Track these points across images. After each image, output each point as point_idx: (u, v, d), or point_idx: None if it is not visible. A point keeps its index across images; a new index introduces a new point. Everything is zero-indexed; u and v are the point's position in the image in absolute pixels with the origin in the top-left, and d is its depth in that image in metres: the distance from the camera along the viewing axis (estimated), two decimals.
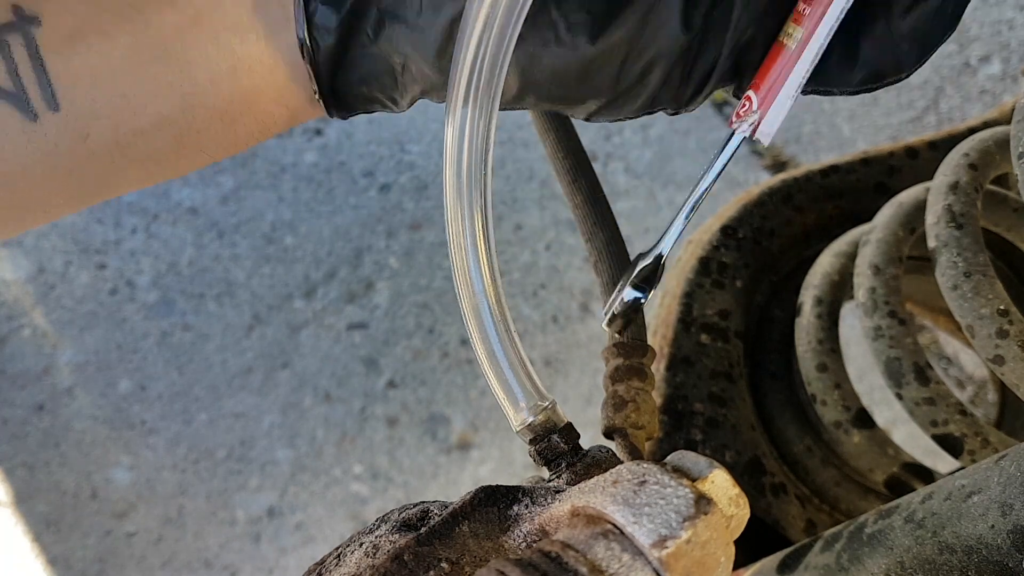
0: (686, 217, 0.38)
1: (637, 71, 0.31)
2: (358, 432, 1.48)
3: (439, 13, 0.30)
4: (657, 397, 0.67)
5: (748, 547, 0.58)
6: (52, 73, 0.29)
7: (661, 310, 0.73)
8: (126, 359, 1.54)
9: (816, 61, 0.32)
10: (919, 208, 0.62)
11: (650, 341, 0.47)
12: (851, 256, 0.67)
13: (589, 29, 0.30)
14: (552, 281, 1.61)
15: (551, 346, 1.54)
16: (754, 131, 0.34)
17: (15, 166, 0.30)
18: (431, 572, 0.26)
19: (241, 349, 1.55)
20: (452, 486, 1.44)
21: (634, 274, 0.41)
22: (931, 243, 0.54)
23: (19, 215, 0.32)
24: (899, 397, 0.57)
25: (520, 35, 0.29)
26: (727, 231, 0.74)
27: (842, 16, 0.31)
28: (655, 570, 0.23)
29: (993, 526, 0.35)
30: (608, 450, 0.35)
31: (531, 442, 0.34)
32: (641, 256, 0.41)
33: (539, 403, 0.34)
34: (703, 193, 0.37)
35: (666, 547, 0.23)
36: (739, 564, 0.51)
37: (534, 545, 0.26)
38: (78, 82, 0.29)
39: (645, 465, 0.25)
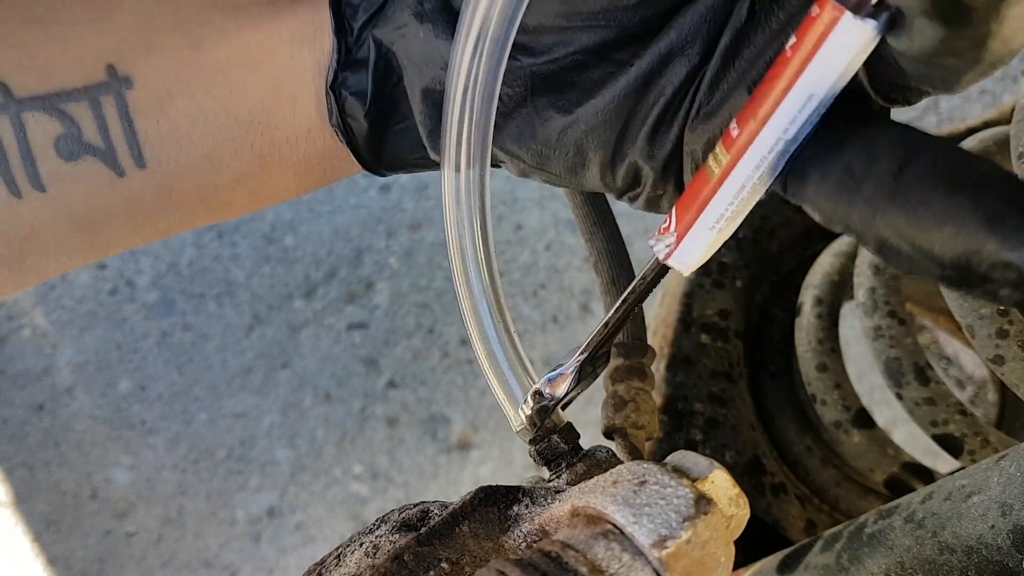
0: (585, 350, 0.34)
1: (621, 174, 0.31)
2: (358, 432, 1.48)
3: (416, 78, 0.31)
4: (657, 397, 0.67)
5: (748, 547, 0.58)
6: (141, 133, 0.30)
7: (661, 310, 0.73)
8: (126, 359, 1.54)
9: (748, 194, 0.26)
10: None
11: (650, 341, 0.47)
12: (851, 256, 0.67)
13: (559, 123, 0.30)
14: (552, 281, 1.61)
15: (551, 346, 1.55)
16: (668, 255, 0.28)
17: (100, 214, 0.31)
18: (431, 572, 0.26)
19: (241, 349, 1.55)
20: (452, 486, 1.44)
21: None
22: None
23: (97, 253, 0.34)
24: (899, 397, 0.58)
25: (501, 118, 0.30)
26: None
27: (781, 149, 0.25)
28: (655, 570, 0.23)
29: (993, 526, 0.35)
30: (608, 450, 0.35)
31: (531, 442, 0.34)
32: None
33: (539, 403, 0.34)
34: (615, 320, 0.33)
35: (666, 547, 0.23)
36: (739, 564, 0.51)
37: (534, 545, 0.26)
38: (165, 142, 0.31)
39: (645, 465, 0.25)
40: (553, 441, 0.34)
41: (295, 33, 0.31)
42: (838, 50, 0.23)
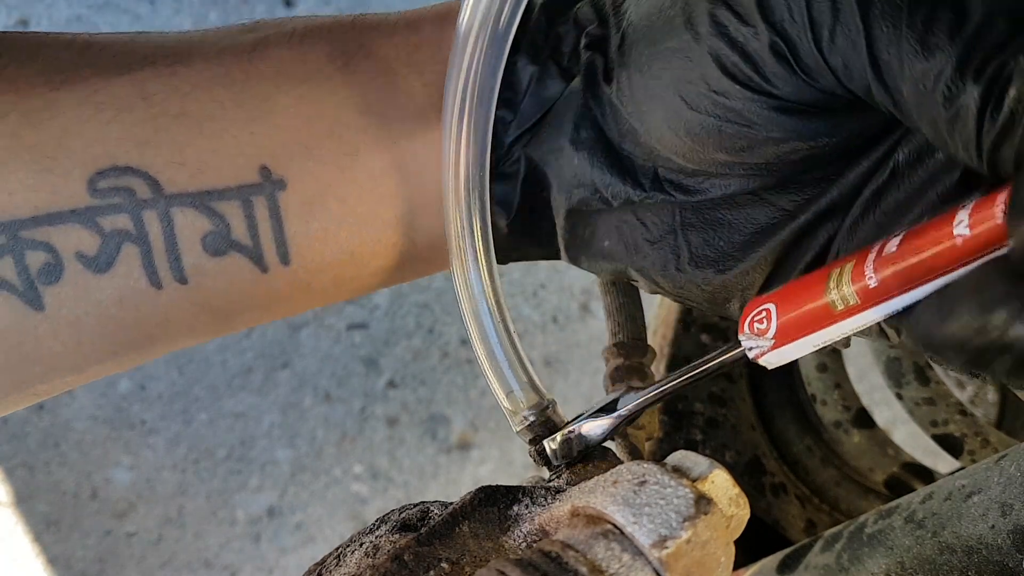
0: (656, 397, 0.34)
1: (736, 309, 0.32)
2: (358, 432, 1.48)
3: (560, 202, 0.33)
4: None
5: (748, 547, 0.58)
6: (289, 233, 0.31)
7: (661, 310, 0.73)
8: None
9: (861, 330, 0.26)
10: None
11: (650, 341, 0.48)
12: None
13: (711, 265, 0.31)
14: (552, 281, 1.61)
15: (551, 346, 1.55)
16: (759, 356, 0.28)
17: (236, 307, 0.32)
18: (431, 572, 0.26)
19: (241, 349, 1.55)
20: (452, 486, 1.44)
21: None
22: None
23: (225, 332, 0.34)
24: (899, 397, 0.58)
25: (645, 241, 0.31)
26: None
27: (906, 309, 0.24)
28: (655, 570, 0.23)
29: (993, 526, 0.35)
30: (608, 450, 0.35)
31: (531, 442, 0.34)
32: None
33: (539, 403, 0.34)
34: (686, 381, 0.33)
35: (666, 547, 0.23)
36: (739, 564, 0.51)
37: (534, 545, 0.26)
38: (312, 243, 0.31)
39: (645, 465, 0.25)
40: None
41: None
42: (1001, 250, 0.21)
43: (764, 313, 0.28)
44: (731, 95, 0.26)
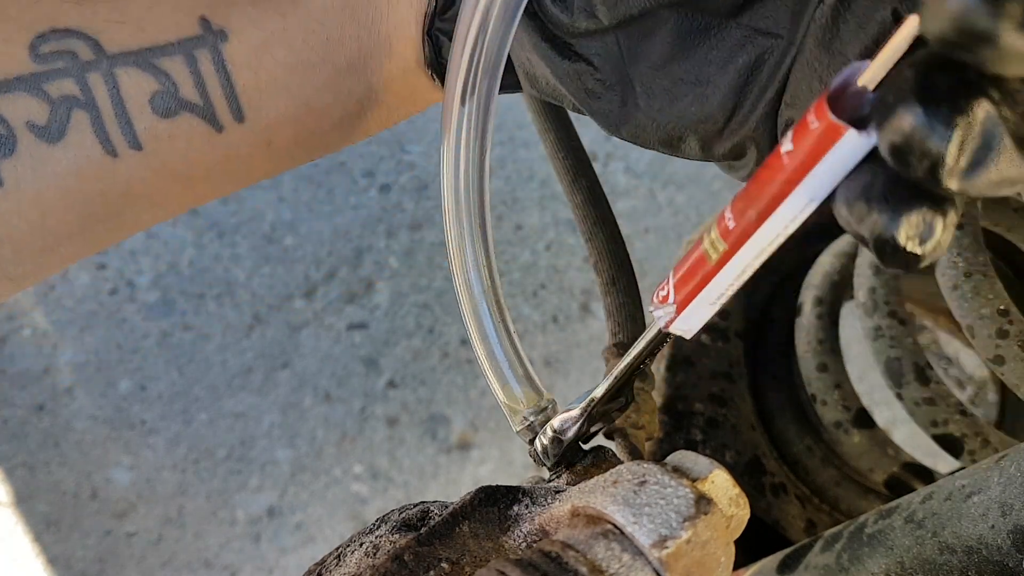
0: (600, 394, 0.33)
1: (723, 151, 0.31)
2: (358, 432, 1.48)
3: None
4: (657, 397, 0.67)
5: (748, 547, 0.58)
6: (239, 86, 0.30)
7: None
8: (126, 359, 1.54)
9: (745, 278, 0.26)
10: None
11: None
12: (851, 256, 0.67)
13: (666, 97, 0.30)
14: (552, 281, 1.61)
15: (551, 346, 1.54)
16: (668, 324, 0.28)
17: (198, 169, 0.31)
18: (431, 572, 0.26)
19: (241, 349, 1.55)
20: (452, 486, 1.44)
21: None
22: None
23: (192, 203, 0.33)
24: (899, 397, 0.58)
25: (594, 84, 0.30)
26: None
27: (780, 239, 0.25)
28: (655, 570, 0.23)
29: (993, 526, 0.35)
30: (608, 450, 0.35)
31: (531, 442, 0.34)
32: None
33: (539, 403, 0.34)
34: (623, 370, 0.32)
35: (666, 547, 0.23)
36: (739, 564, 0.51)
37: (534, 545, 0.26)
38: (263, 94, 0.30)
39: (645, 465, 0.25)
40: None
41: None
42: (840, 161, 0.22)
43: (666, 282, 0.28)
44: None
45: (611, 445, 0.42)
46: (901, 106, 0.18)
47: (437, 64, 0.33)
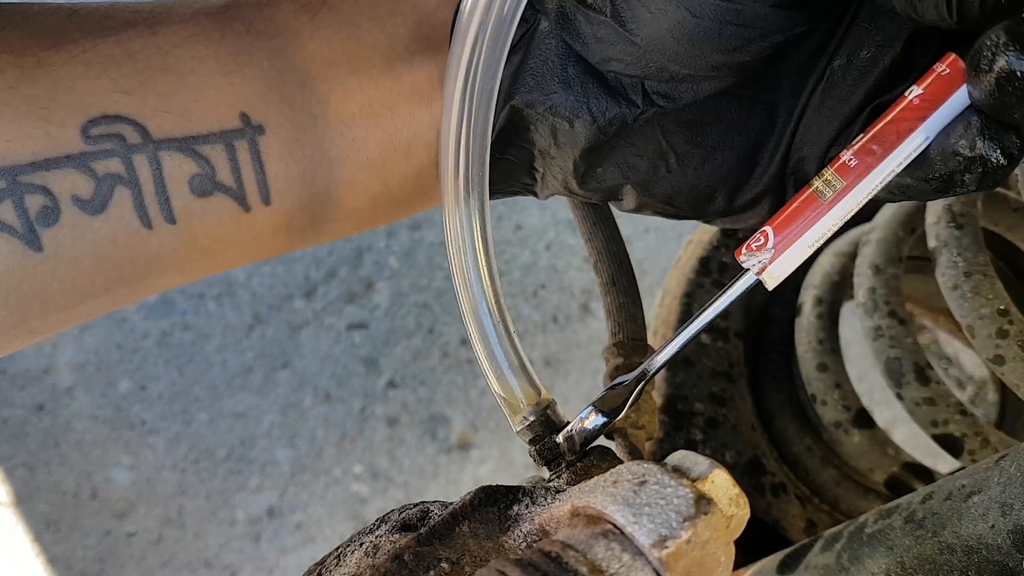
0: (679, 347, 0.34)
1: (745, 201, 0.36)
2: (358, 432, 1.48)
3: (563, 150, 0.35)
4: (657, 397, 0.67)
5: (748, 547, 0.58)
6: (270, 175, 0.33)
7: (661, 310, 0.73)
8: (126, 359, 1.54)
9: (848, 217, 0.30)
10: (919, 208, 0.62)
11: (650, 341, 0.48)
12: (851, 256, 0.67)
13: (698, 160, 0.34)
14: (552, 281, 1.61)
15: (551, 346, 1.55)
16: (762, 269, 0.31)
17: (221, 245, 0.34)
18: (431, 572, 0.26)
19: (241, 349, 1.55)
20: (452, 486, 1.44)
21: (602, 396, 0.35)
22: (931, 243, 0.54)
23: (211, 271, 0.36)
24: (899, 397, 0.58)
25: (635, 160, 0.35)
26: (727, 231, 0.74)
27: (894, 174, 0.29)
28: (655, 570, 0.23)
29: (993, 526, 0.35)
30: (608, 450, 0.35)
31: (531, 442, 0.34)
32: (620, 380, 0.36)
33: (539, 403, 0.34)
34: (703, 326, 0.34)
35: (666, 547, 0.23)
36: (739, 564, 0.51)
37: (534, 545, 0.26)
38: (291, 184, 0.34)
39: (645, 465, 0.25)
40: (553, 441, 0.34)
41: (412, 93, 0.35)
42: (957, 102, 0.28)
43: (760, 234, 0.31)
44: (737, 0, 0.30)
45: (611, 445, 0.42)
46: (1000, 53, 0.25)
47: None
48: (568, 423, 0.34)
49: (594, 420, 0.34)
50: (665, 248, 1.62)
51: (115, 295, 0.34)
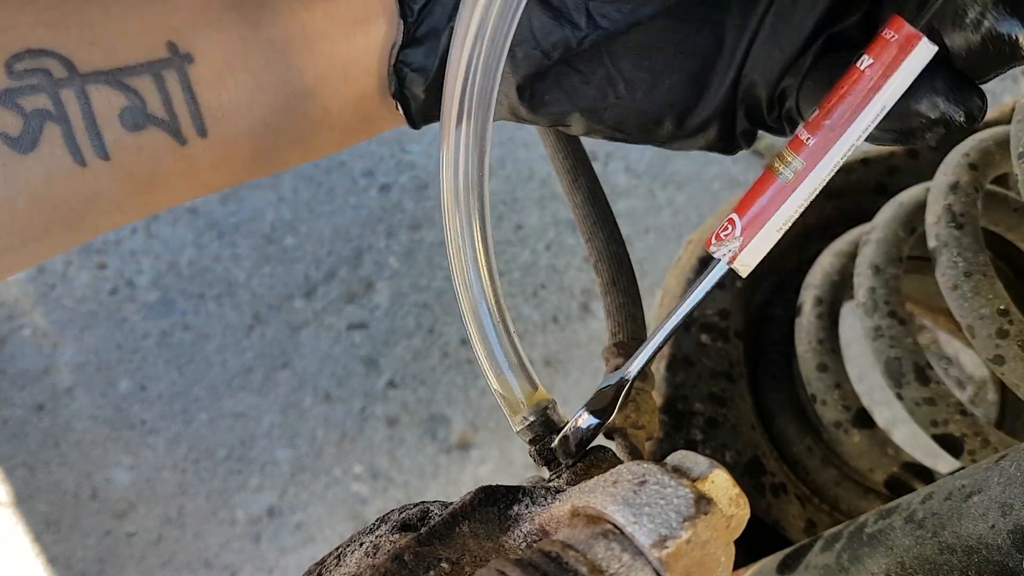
0: (659, 343, 0.34)
1: (693, 126, 0.35)
2: (358, 432, 1.48)
3: (507, 76, 0.34)
4: (657, 397, 0.67)
5: (748, 547, 0.58)
6: (203, 105, 0.32)
7: (661, 310, 0.73)
8: (126, 359, 1.54)
9: (813, 197, 0.29)
10: (919, 208, 0.62)
11: None
12: (851, 256, 0.67)
13: (646, 86, 0.34)
14: (552, 281, 1.61)
15: (551, 346, 1.54)
16: (733, 258, 0.30)
17: (159, 179, 0.33)
18: (431, 572, 0.26)
19: (241, 349, 1.55)
20: (452, 486, 1.44)
21: (591, 399, 0.35)
22: (931, 243, 0.54)
23: (151, 209, 0.35)
24: (899, 397, 0.58)
25: (582, 87, 0.34)
26: None
27: (851, 152, 0.28)
28: (655, 570, 0.23)
29: (993, 526, 0.35)
30: (608, 450, 0.35)
31: (531, 442, 0.34)
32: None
33: (539, 403, 0.34)
34: (680, 321, 0.33)
35: (666, 547, 0.23)
36: (739, 564, 0.51)
37: (534, 545, 0.26)
38: (225, 113, 0.33)
39: (645, 465, 0.25)
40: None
41: (347, 16, 0.34)
42: (912, 68, 0.27)
43: (727, 222, 0.30)
44: None
45: (611, 445, 0.42)
46: (988, 12, 0.26)
47: (401, 95, 0.35)
48: (568, 422, 0.34)
49: (587, 421, 0.34)
50: (665, 248, 1.62)
51: (57, 237, 0.33)
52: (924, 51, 0.27)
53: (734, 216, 0.30)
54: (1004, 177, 0.64)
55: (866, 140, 0.30)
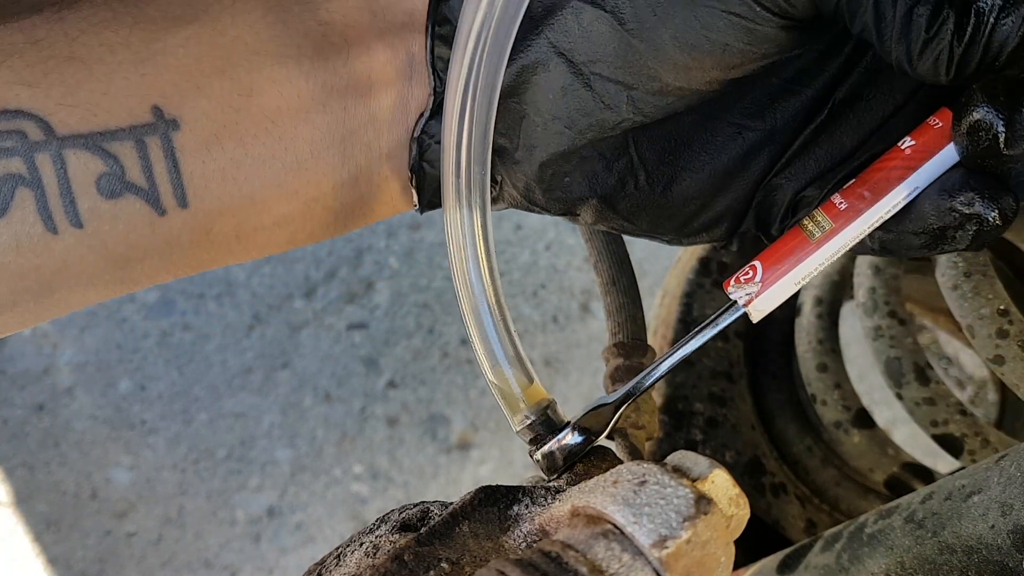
0: (662, 373, 0.34)
1: (703, 223, 0.35)
2: (358, 432, 1.48)
3: (532, 152, 0.33)
4: (657, 397, 0.67)
5: (748, 547, 0.57)
6: (185, 174, 0.30)
7: (661, 310, 0.73)
8: (126, 359, 1.54)
9: (834, 259, 0.31)
10: None
11: (650, 341, 0.48)
12: (851, 256, 0.67)
13: (666, 179, 0.34)
14: (552, 281, 1.61)
15: (551, 346, 1.55)
16: (749, 302, 0.31)
17: (135, 252, 0.31)
18: (431, 572, 0.26)
19: (241, 349, 1.55)
20: (452, 486, 1.44)
21: (583, 415, 0.34)
22: None
23: (126, 287, 0.33)
24: (899, 397, 0.57)
25: (604, 173, 0.34)
26: None
27: (878, 223, 0.30)
28: (655, 570, 0.23)
29: (993, 526, 0.35)
30: (608, 450, 0.35)
31: (531, 442, 0.34)
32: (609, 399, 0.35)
33: (539, 403, 0.34)
34: (687, 354, 0.33)
35: (666, 547, 0.23)
36: (739, 564, 0.51)
37: (534, 545, 0.26)
38: (209, 183, 0.31)
39: (645, 465, 0.25)
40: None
41: (348, 85, 0.32)
42: (950, 155, 0.29)
43: (749, 268, 0.32)
44: (750, 16, 0.29)
45: (611, 445, 0.42)
46: (974, 107, 0.27)
47: (419, 166, 0.34)
48: (568, 422, 0.34)
49: (575, 438, 0.33)
50: (665, 248, 1.62)
51: (24, 309, 0.31)
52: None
53: (757, 263, 0.31)
54: None
55: (896, 253, 0.31)
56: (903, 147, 0.30)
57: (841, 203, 0.30)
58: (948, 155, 0.29)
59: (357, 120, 0.32)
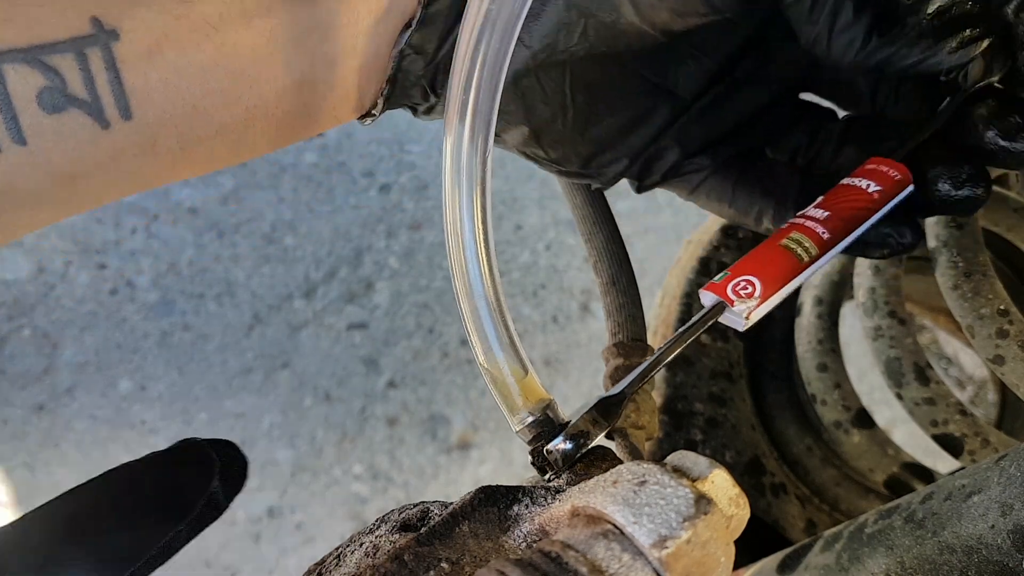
0: (635, 380, 0.34)
1: (603, 162, 0.39)
2: (358, 432, 1.48)
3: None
4: (657, 397, 0.67)
5: (748, 547, 0.57)
6: (128, 84, 0.30)
7: (661, 310, 0.73)
8: (126, 359, 1.54)
9: (808, 278, 0.36)
10: None
11: (650, 341, 0.48)
12: (851, 257, 0.67)
13: (586, 121, 0.38)
14: (552, 281, 1.61)
15: (551, 346, 1.54)
16: (749, 314, 0.34)
17: (81, 167, 0.31)
18: (431, 572, 0.26)
19: (241, 349, 1.55)
20: (452, 486, 1.44)
21: (576, 419, 0.34)
22: (931, 243, 0.54)
23: (74, 207, 0.33)
24: (899, 397, 0.57)
25: (541, 106, 0.37)
26: (727, 231, 0.74)
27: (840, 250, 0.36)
28: (655, 570, 0.23)
29: (993, 526, 0.35)
30: (608, 450, 0.35)
31: (531, 442, 0.34)
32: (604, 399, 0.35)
33: (539, 403, 0.34)
34: (672, 356, 0.36)
35: (666, 547, 0.23)
36: (739, 564, 0.51)
37: (534, 545, 0.26)
38: (152, 94, 0.30)
39: (645, 465, 0.25)
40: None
41: None
42: (901, 197, 0.37)
43: (745, 281, 0.35)
44: None
45: (611, 445, 0.42)
46: (941, 181, 0.36)
47: (393, 77, 0.35)
48: (568, 422, 0.34)
49: (568, 444, 0.33)
50: (665, 248, 1.62)
51: None
52: (910, 189, 0.37)
53: (754, 280, 0.35)
54: (1004, 177, 0.64)
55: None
56: (869, 190, 0.37)
57: (824, 233, 0.36)
58: (902, 196, 0.37)
59: (299, 25, 0.32)
